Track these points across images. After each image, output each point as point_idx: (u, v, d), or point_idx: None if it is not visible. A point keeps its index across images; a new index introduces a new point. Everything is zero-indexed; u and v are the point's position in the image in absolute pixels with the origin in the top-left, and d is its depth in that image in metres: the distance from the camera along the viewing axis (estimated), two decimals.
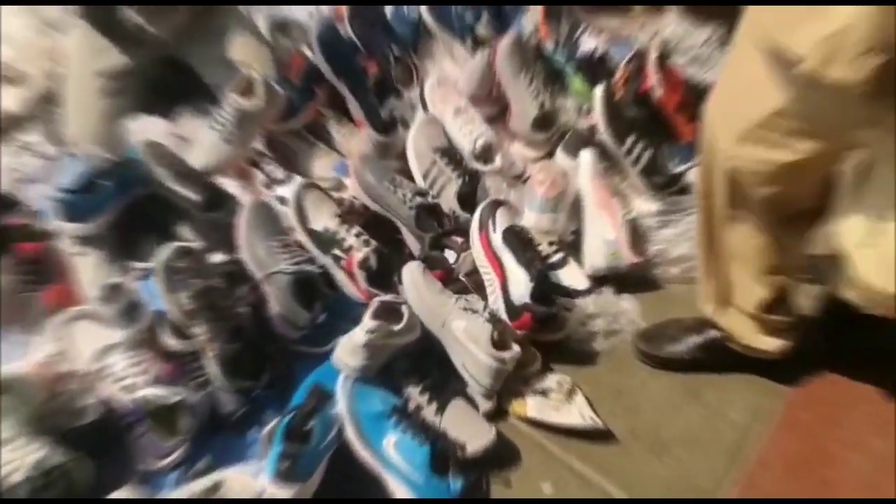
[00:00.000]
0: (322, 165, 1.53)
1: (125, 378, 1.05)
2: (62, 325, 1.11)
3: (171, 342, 1.15)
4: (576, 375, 1.22)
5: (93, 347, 1.08)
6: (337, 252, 1.21)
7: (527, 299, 1.14)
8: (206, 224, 1.35)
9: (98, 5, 1.44)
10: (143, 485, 1.07)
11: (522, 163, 1.53)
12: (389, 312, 1.09)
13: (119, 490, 1.02)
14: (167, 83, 1.69)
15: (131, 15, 1.50)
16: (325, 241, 1.21)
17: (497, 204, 1.26)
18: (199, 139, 1.46)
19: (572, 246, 1.36)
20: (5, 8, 1.75)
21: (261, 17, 1.91)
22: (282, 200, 1.43)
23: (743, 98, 0.91)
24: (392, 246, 1.35)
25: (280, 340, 1.21)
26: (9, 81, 1.66)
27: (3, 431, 0.93)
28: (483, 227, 1.23)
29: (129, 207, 1.39)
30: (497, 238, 1.20)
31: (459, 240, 1.27)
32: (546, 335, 1.22)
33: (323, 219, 1.22)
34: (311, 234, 1.21)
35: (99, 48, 1.53)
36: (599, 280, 1.33)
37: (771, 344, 1.12)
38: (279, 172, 1.49)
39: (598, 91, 1.42)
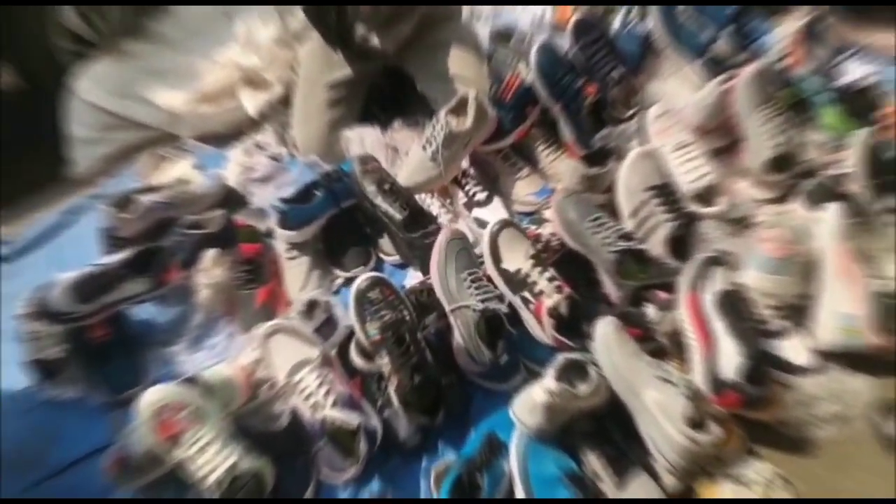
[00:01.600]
0: (524, 188, 1.51)
1: (312, 396, 1.12)
2: (264, 336, 1.21)
3: (357, 361, 1.21)
4: (785, 466, 1.07)
5: (288, 361, 1.16)
6: (527, 294, 1.17)
7: (736, 377, 1.02)
8: (404, 242, 1.40)
9: (332, 19, 1.54)
10: (318, 495, 1.14)
11: (750, 205, 1.37)
12: (576, 371, 1.04)
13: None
14: (386, 93, 1.79)
15: (361, 28, 1.59)
16: (516, 283, 1.18)
17: (713, 261, 1.14)
18: (409, 156, 1.51)
19: (799, 311, 1.18)
20: (255, 17, 1.96)
21: (483, 24, 1.96)
22: (479, 223, 1.44)
23: None
24: (587, 288, 1.29)
25: (460, 373, 1.22)
26: (252, 86, 1.86)
27: (206, 433, 1.03)
28: (694, 286, 1.11)
29: (338, 217, 1.49)
30: (709, 302, 1.08)
31: (664, 295, 1.16)
32: (755, 414, 1.08)
33: (516, 259, 1.19)
34: (503, 273, 1.19)
35: (329, 61, 1.65)
36: (828, 357, 1.15)
37: None
38: (481, 194, 1.49)
39: (862, 135, 1.21)
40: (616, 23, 1.68)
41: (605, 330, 1.08)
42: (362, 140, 1.63)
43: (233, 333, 1.40)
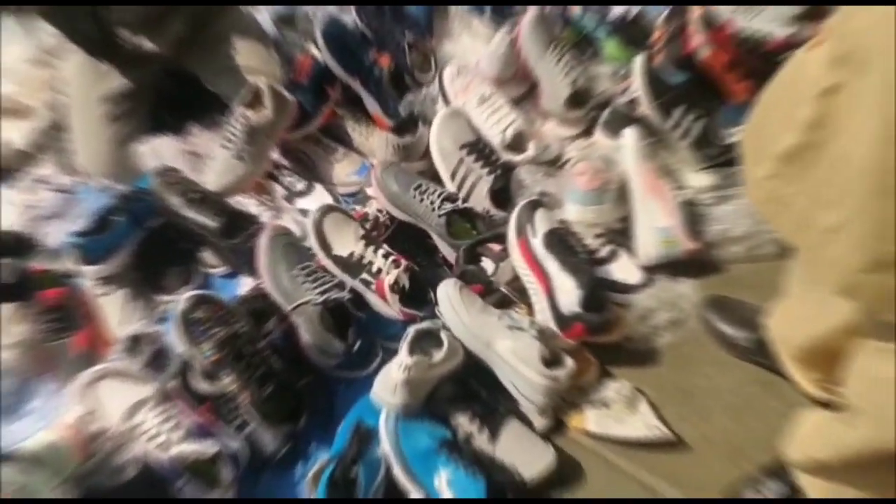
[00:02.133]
0: (343, 169, 1.47)
1: (158, 435, 1.02)
2: (87, 386, 1.08)
3: (201, 386, 1.11)
4: (638, 379, 1.14)
5: (122, 405, 1.05)
6: (365, 276, 1.14)
7: (577, 308, 1.06)
8: (227, 250, 1.31)
9: (91, 30, 1.38)
10: None
11: (558, 144, 1.43)
12: (428, 339, 1.03)
13: None
14: (175, 98, 1.65)
15: (126, 34, 1.44)
16: (352, 267, 1.14)
17: (535, 205, 1.17)
18: (211, 159, 1.41)
19: (621, 233, 1.25)
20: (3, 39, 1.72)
21: (264, 10, 1.86)
22: (304, 213, 1.38)
23: None
24: (425, 254, 1.29)
25: (316, 370, 1.17)
26: (14, 116, 1.64)
27: None
28: (521, 232, 1.14)
29: (148, 239, 1.37)
30: (538, 244, 1.11)
31: (497, 247, 1.18)
32: (602, 339, 1.14)
33: (347, 243, 1.15)
34: (336, 260, 1.15)
35: (98, 73, 1.49)
36: (653, 268, 1.23)
37: None
38: (299, 183, 1.43)
39: (638, 62, 1.30)
40: None
41: (447, 292, 1.08)
42: (157, 152, 1.50)
43: (54, 391, 1.24)
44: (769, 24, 1.53)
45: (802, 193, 0.68)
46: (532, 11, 1.38)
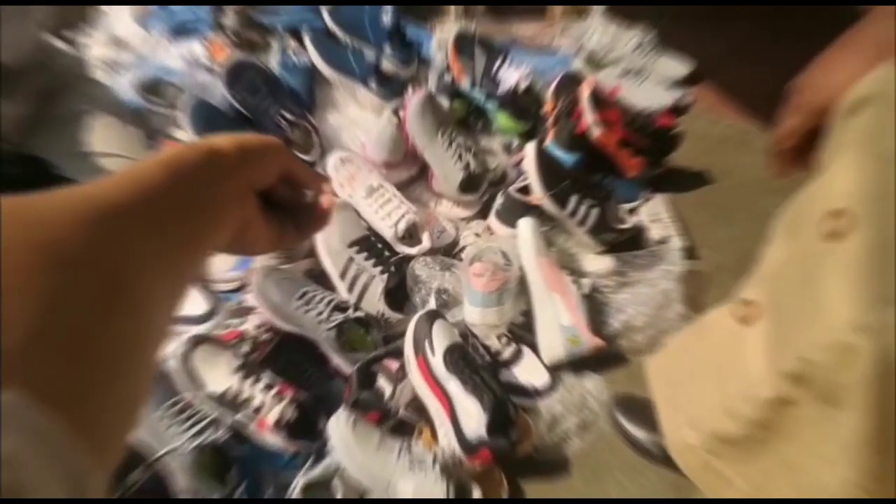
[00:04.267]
0: (220, 265, 1.29)
1: None
2: None
3: None
4: (551, 492, 1.05)
5: None
6: (244, 417, 0.98)
7: (483, 433, 0.95)
8: None
9: None
10: None
11: (453, 226, 1.32)
12: (320, 488, 0.89)
13: None
14: (22, 186, 1.41)
15: None
16: (229, 404, 0.98)
17: (432, 317, 1.05)
18: None
19: (524, 327, 1.16)
20: None
21: (126, 80, 1.65)
22: (181, 320, 1.20)
23: None
24: (314, 365, 1.14)
25: None
26: None
27: None
28: (420, 349, 1.01)
29: None
30: (438, 362, 0.99)
31: (394, 365, 1.05)
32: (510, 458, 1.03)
33: (220, 378, 0.98)
34: (210, 399, 0.98)
35: None
36: (557, 367, 1.14)
37: None
38: None
39: (529, 151, 1.20)
40: (274, 61, 1.50)
41: (340, 432, 0.93)
42: None
43: None
44: (654, 89, 1.51)
45: (742, 477, 0.62)
46: (418, 95, 1.26)
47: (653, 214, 1.29)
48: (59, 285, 0.24)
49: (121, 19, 1.85)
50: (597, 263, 1.24)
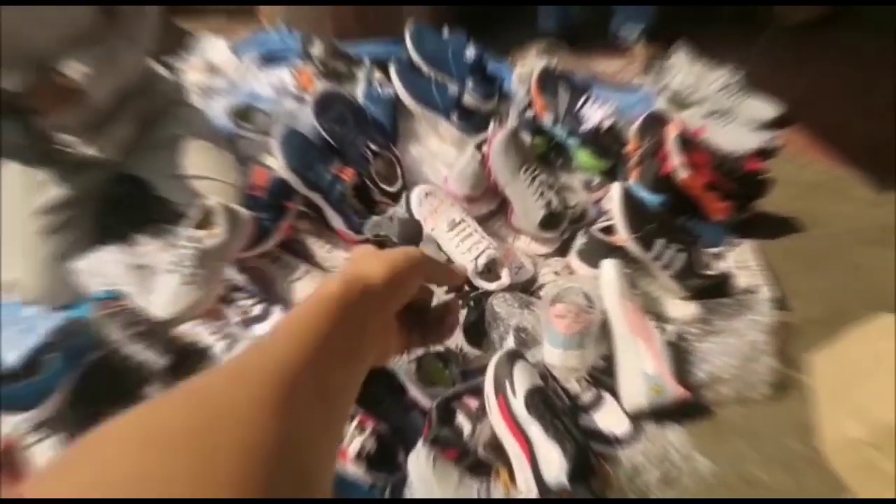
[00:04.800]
0: (304, 289, 1.32)
1: None
2: None
3: None
4: None
5: None
6: None
7: (564, 480, 0.93)
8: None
9: (19, 137, 1.22)
10: None
11: (531, 262, 1.32)
12: None
13: None
14: (121, 205, 1.48)
15: (67, 139, 1.29)
16: None
17: (512, 356, 1.04)
18: (160, 283, 1.25)
19: (605, 372, 1.14)
20: None
21: (220, 100, 1.73)
22: None
23: None
24: (392, 396, 1.14)
25: None
26: None
27: None
28: (500, 389, 1.00)
29: (86, 377, 1.19)
30: (519, 405, 0.98)
31: (473, 403, 1.05)
32: None
33: None
34: None
35: (33, 184, 1.32)
36: (638, 416, 1.11)
37: None
38: (256, 307, 1.27)
39: (615, 191, 1.19)
40: (359, 91, 1.54)
41: (420, 469, 0.93)
42: (100, 268, 1.32)
43: None
44: (741, 131, 1.47)
45: None
46: (502, 132, 1.27)
47: (740, 261, 1.25)
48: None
49: (215, 46, 1.94)
50: (681, 309, 1.21)
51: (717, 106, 1.53)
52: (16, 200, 1.33)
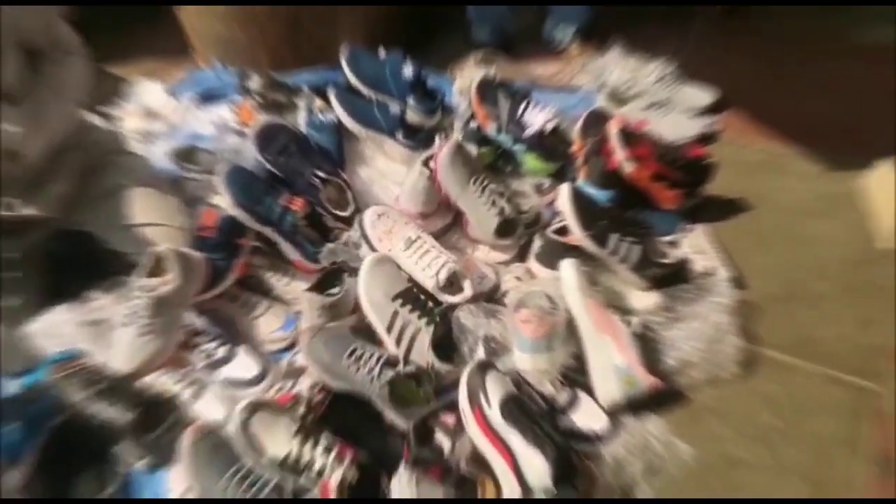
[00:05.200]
0: (267, 325, 1.29)
1: None
2: None
3: None
4: None
5: None
6: (308, 478, 0.97)
7: (549, 484, 0.93)
8: (146, 445, 1.11)
9: None
10: None
11: (492, 271, 1.32)
12: None
13: None
14: (69, 261, 1.43)
15: (2, 200, 1.25)
16: (290, 469, 0.97)
17: (484, 367, 1.04)
18: (117, 338, 1.21)
19: (577, 371, 1.14)
20: None
21: (162, 145, 1.70)
22: (232, 383, 1.20)
23: None
24: (368, 423, 1.12)
25: None
26: None
27: None
28: (474, 401, 1.00)
29: (50, 444, 1.14)
30: (495, 414, 0.97)
31: (450, 419, 1.04)
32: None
33: (280, 442, 0.97)
34: (272, 464, 0.97)
35: None
36: (615, 410, 1.11)
37: None
38: (220, 349, 1.24)
39: (564, 192, 1.20)
40: (301, 120, 1.53)
41: (403, 492, 0.92)
42: (52, 329, 1.28)
43: None
44: (681, 120, 1.51)
45: None
46: (448, 145, 1.27)
47: (695, 246, 1.28)
48: None
49: (151, 90, 1.91)
50: (644, 300, 1.23)
51: (654, 98, 1.57)
52: None
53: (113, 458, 1.14)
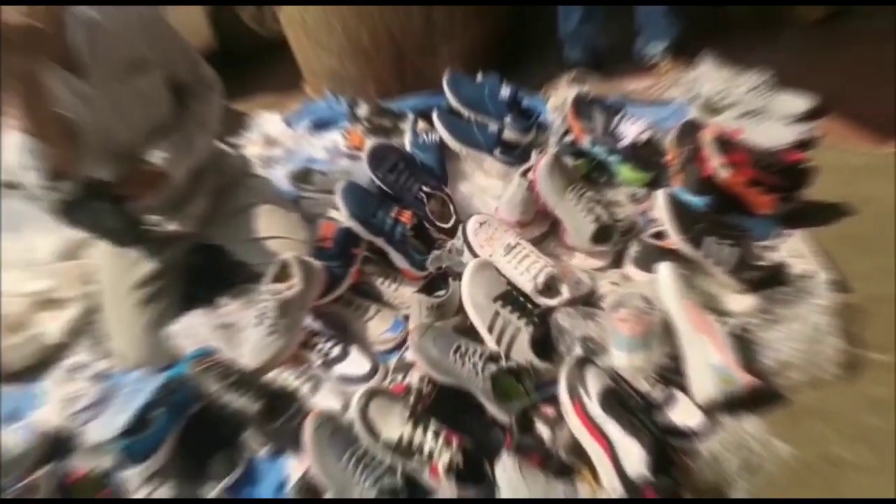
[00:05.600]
0: (376, 328, 1.40)
1: None
2: None
3: None
4: None
5: None
6: (417, 462, 1.05)
7: (644, 472, 0.96)
8: (271, 433, 1.23)
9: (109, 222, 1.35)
10: None
11: (588, 277, 1.37)
12: None
13: None
14: (203, 272, 1.61)
15: (148, 219, 1.43)
16: (403, 452, 1.06)
17: (582, 362, 1.09)
18: (247, 337, 1.36)
19: (674, 371, 1.16)
20: (32, 232, 1.71)
21: (282, 167, 1.87)
22: (345, 379, 1.32)
23: None
24: (472, 416, 1.19)
25: None
26: (49, 308, 1.61)
27: None
28: (574, 393, 1.05)
29: (189, 428, 1.29)
30: (594, 406, 1.03)
31: (549, 410, 1.10)
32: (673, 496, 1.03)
33: (394, 426, 1.07)
34: (386, 446, 1.07)
35: (127, 262, 1.46)
36: (712, 409, 1.13)
37: None
38: (335, 349, 1.36)
39: (660, 197, 1.25)
40: (407, 141, 1.66)
41: (508, 476, 0.98)
42: (191, 330, 1.44)
43: None
44: (777, 127, 1.51)
45: None
46: (546, 157, 1.35)
47: (794, 250, 1.28)
48: None
49: (270, 120, 2.10)
50: (740, 303, 1.23)
51: (749, 107, 1.57)
52: (115, 277, 1.48)
53: (241, 444, 1.28)
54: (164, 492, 1.24)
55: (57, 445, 1.36)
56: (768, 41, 1.96)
